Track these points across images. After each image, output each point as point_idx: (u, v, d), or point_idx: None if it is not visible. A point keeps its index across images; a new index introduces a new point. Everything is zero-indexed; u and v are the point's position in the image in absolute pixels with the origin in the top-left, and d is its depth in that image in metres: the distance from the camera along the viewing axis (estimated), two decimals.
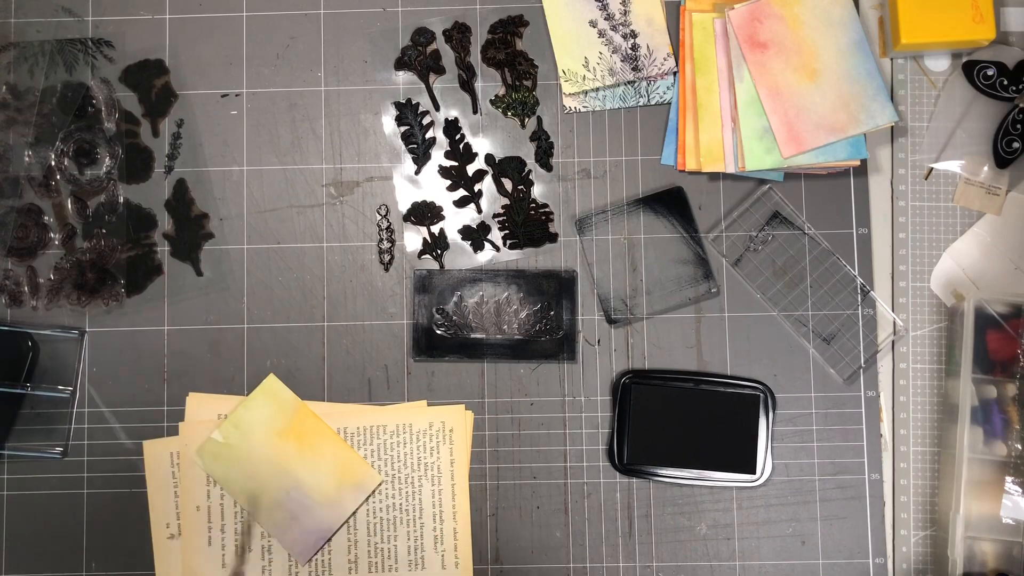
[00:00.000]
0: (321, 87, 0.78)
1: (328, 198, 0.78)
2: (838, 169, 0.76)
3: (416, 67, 0.77)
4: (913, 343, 0.77)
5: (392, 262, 0.77)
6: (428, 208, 0.77)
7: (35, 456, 0.75)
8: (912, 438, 0.76)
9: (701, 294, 0.76)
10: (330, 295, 0.77)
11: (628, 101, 0.77)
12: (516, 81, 0.77)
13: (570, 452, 0.76)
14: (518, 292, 0.76)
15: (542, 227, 0.77)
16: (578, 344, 0.76)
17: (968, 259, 0.77)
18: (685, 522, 0.75)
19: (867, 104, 0.74)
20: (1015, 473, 0.71)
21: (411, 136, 0.77)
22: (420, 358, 0.76)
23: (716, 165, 0.76)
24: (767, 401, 0.75)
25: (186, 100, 0.78)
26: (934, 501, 0.75)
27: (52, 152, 0.76)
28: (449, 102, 0.78)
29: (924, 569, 0.75)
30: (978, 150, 0.77)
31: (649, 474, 0.75)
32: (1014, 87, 0.76)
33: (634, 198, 0.77)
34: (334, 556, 0.75)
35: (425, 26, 0.78)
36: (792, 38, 0.75)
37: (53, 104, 0.77)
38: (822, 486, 0.75)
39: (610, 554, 0.75)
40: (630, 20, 0.77)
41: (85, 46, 0.78)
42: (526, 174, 0.77)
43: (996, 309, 0.73)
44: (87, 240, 0.76)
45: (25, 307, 0.76)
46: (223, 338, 0.76)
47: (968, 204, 0.77)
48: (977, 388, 0.72)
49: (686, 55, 0.76)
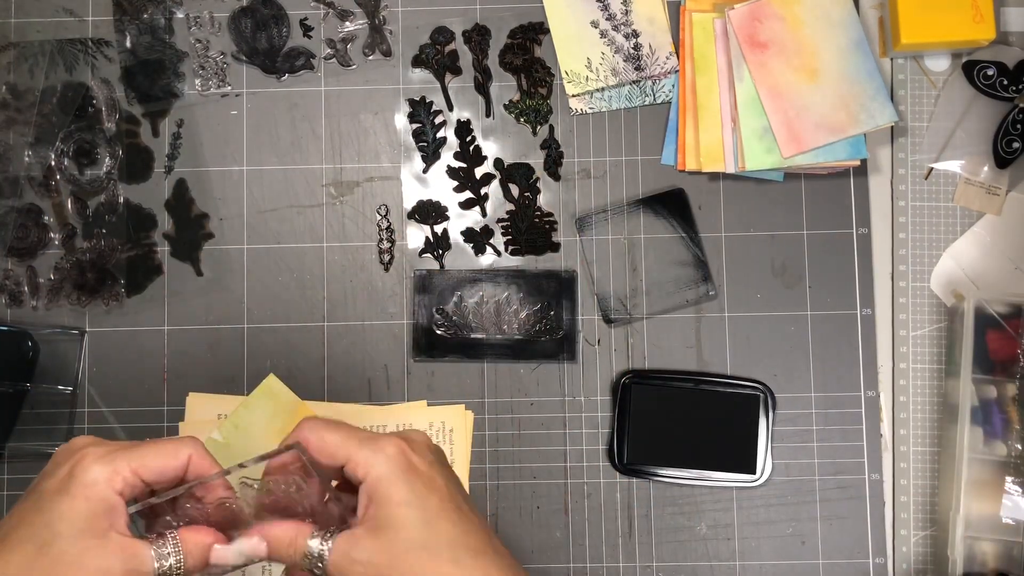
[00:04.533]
0: (321, 87, 0.78)
1: (328, 198, 0.77)
2: (838, 169, 0.76)
3: (433, 65, 0.77)
4: (913, 343, 0.77)
5: (392, 262, 0.77)
6: (433, 207, 0.77)
7: (35, 456, 0.75)
8: (912, 438, 0.76)
9: (699, 296, 0.76)
10: (330, 295, 0.77)
11: (634, 101, 0.77)
12: (531, 88, 0.77)
13: (570, 452, 0.76)
14: (518, 292, 0.76)
15: (545, 235, 0.77)
16: (578, 344, 0.76)
17: (968, 259, 0.77)
18: (685, 522, 0.75)
19: (867, 104, 0.74)
20: (1015, 473, 0.71)
21: (422, 134, 0.77)
22: (420, 358, 0.76)
23: (716, 165, 0.76)
24: (767, 401, 0.75)
25: (186, 100, 0.78)
26: (934, 501, 0.75)
27: (52, 152, 0.76)
28: (462, 103, 0.78)
29: (924, 569, 0.75)
30: (978, 150, 0.77)
31: (649, 474, 0.75)
32: (1014, 87, 0.76)
33: (634, 198, 0.77)
34: None
35: (445, 25, 0.78)
36: (792, 38, 0.75)
37: (53, 104, 0.77)
38: (822, 486, 0.75)
39: (610, 554, 0.75)
40: (631, 20, 0.77)
41: (85, 46, 0.78)
42: (533, 181, 0.77)
43: (996, 309, 0.73)
44: (87, 240, 0.76)
45: (25, 307, 0.76)
46: (223, 338, 0.76)
47: (968, 204, 0.77)
48: (977, 388, 0.72)
49: (686, 55, 0.76)
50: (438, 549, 0.49)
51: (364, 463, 0.50)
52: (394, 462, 0.50)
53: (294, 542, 0.50)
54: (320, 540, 0.50)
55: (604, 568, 0.75)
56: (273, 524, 0.51)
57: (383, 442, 0.51)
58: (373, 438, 0.51)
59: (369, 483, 0.50)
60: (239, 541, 0.51)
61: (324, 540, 0.50)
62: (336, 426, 0.52)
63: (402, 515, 0.49)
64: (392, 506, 0.49)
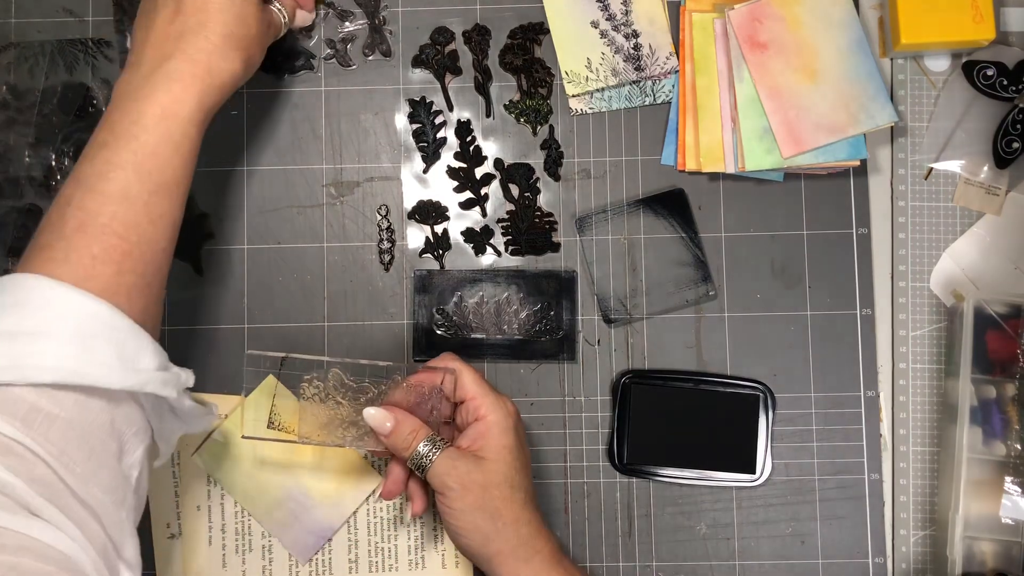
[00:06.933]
0: (321, 87, 0.78)
1: (328, 198, 0.78)
2: (838, 169, 0.76)
3: (433, 65, 0.77)
4: (913, 343, 0.77)
5: (392, 262, 0.77)
6: (433, 207, 0.77)
7: None
8: (912, 438, 0.76)
9: (699, 296, 0.76)
10: (330, 295, 0.77)
11: (634, 101, 0.77)
12: (532, 88, 0.77)
13: (570, 452, 0.76)
14: (518, 292, 0.76)
15: (545, 235, 0.77)
16: (578, 344, 0.76)
17: (968, 259, 0.77)
18: (685, 522, 0.75)
19: (867, 104, 0.74)
20: (1015, 473, 0.71)
21: (422, 134, 0.77)
22: (420, 358, 0.76)
23: (716, 165, 0.76)
24: (767, 401, 0.75)
25: None
26: (934, 501, 0.75)
27: (52, 152, 0.76)
28: (462, 103, 0.78)
29: (923, 569, 0.75)
30: (978, 150, 0.77)
31: (649, 474, 0.75)
32: (1014, 87, 0.76)
33: (634, 198, 0.77)
34: (334, 556, 0.75)
35: (445, 26, 0.78)
36: (792, 38, 0.75)
37: (53, 104, 0.77)
38: (822, 486, 0.75)
39: (610, 554, 0.75)
40: (631, 20, 0.77)
41: (85, 46, 0.78)
42: (534, 182, 0.77)
43: (996, 309, 0.73)
44: None
45: None
46: (223, 338, 0.76)
47: (968, 204, 0.77)
48: (977, 388, 0.72)
49: (686, 55, 0.76)
50: (518, 489, 0.63)
51: (487, 407, 0.64)
52: (511, 416, 0.64)
53: (416, 433, 0.63)
54: (432, 445, 0.62)
55: (604, 568, 0.75)
56: (404, 412, 0.63)
57: (505, 399, 0.65)
58: (497, 392, 0.65)
59: (487, 423, 0.63)
60: (370, 408, 0.63)
61: (436, 446, 0.62)
62: (471, 368, 0.65)
63: (504, 455, 0.63)
64: (498, 446, 0.63)
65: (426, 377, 0.65)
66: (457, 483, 0.61)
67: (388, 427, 0.62)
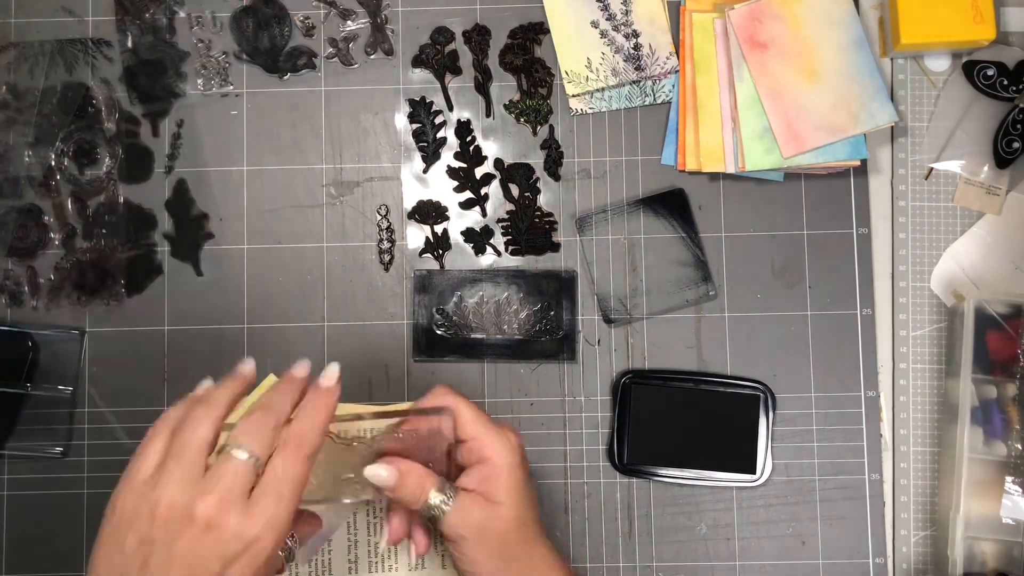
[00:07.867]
0: (321, 87, 0.78)
1: (328, 198, 0.78)
2: (838, 169, 0.76)
3: (433, 65, 0.77)
4: (913, 343, 0.77)
5: (392, 262, 0.77)
6: (433, 207, 0.77)
7: (35, 456, 0.75)
8: (912, 438, 0.76)
9: (699, 296, 0.76)
10: (330, 295, 0.77)
11: (634, 101, 0.77)
12: (531, 88, 0.77)
13: (570, 452, 0.76)
14: (518, 292, 0.76)
15: (545, 235, 0.77)
16: (578, 344, 0.76)
17: (968, 259, 0.77)
18: (685, 522, 0.75)
19: (867, 104, 0.74)
20: (1015, 473, 0.71)
21: (422, 134, 0.77)
22: (420, 358, 0.76)
23: (716, 165, 0.76)
24: (767, 401, 0.75)
25: (186, 100, 0.78)
26: (934, 501, 0.75)
27: (52, 152, 0.76)
28: (462, 103, 0.78)
29: (924, 569, 0.75)
30: (978, 150, 0.77)
31: (649, 474, 0.75)
32: (1014, 87, 0.76)
33: (634, 198, 0.77)
34: (334, 556, 0.75)
35: (445, 26, 0.78)
36: (792, 38, 0.75)
37: (53, 104, 0.77)
38: (822, 486, 0.75)
39: (610, 554, 0.75)
40: (631, 20, 0.77)
41: (85, 46, 0.78)
42: (534, 181, 0.77)
43: (996, 309, 0.73)
44: (87, 240, 0.76)
45: (25, 307, 0.76)
46: (223, 338, 0.76)
47: (968, 204, 0.77)
48: (977, 388, 0.72)
49: (686, 55, 0.76)
50: (530, 525, 0.59)
51: (492, 446, 0.58)
52: (516, 453, 0.59)
53: (422, 484, 0.57)
54: (443, 495, 0.57)
55: (604, 568, 0.75)
56: (408, 462, 0.58)
57: (507, 431, 0.59)
58: (498, 424, 0.59)
59: (495, 466, 0.58)
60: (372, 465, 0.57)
61: (447, 495, 0.57)
62: (468, 402, 0.59)
63: (515, 497, 0.58)
64: (509, 488, 0.58)
65: (420, 421, 0.60)
66: (472, 533, 0.57)
67: (393, 483, 0.57)
